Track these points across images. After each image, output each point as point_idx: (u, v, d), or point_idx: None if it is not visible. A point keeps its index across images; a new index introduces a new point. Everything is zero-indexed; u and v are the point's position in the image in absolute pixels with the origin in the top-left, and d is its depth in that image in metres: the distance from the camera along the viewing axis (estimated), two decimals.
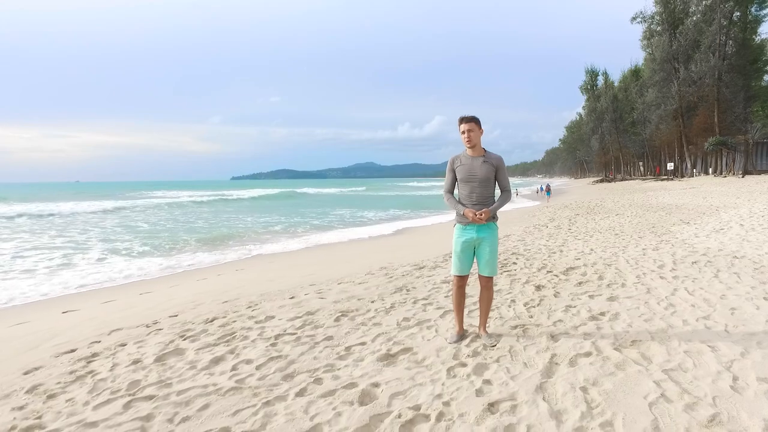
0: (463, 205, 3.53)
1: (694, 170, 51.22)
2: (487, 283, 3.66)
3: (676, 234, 9.46)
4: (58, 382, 3.26)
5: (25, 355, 4.03)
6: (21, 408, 2.88)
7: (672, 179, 47.01)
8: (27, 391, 3.13)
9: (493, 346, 3.50)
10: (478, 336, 3.73)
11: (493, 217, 3.56)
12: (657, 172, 60.37)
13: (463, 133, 3.45)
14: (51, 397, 3.03)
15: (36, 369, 3.59)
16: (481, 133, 3.50)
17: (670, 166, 52.30)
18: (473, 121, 3.43)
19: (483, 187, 3.49)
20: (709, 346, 3.30)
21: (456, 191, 3.66)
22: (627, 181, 57.22)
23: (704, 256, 6.80)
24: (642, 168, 71.60)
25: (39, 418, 2.73)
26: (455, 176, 3.58)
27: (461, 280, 3.66)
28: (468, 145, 3.47)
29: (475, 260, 3.67)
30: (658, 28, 49.35)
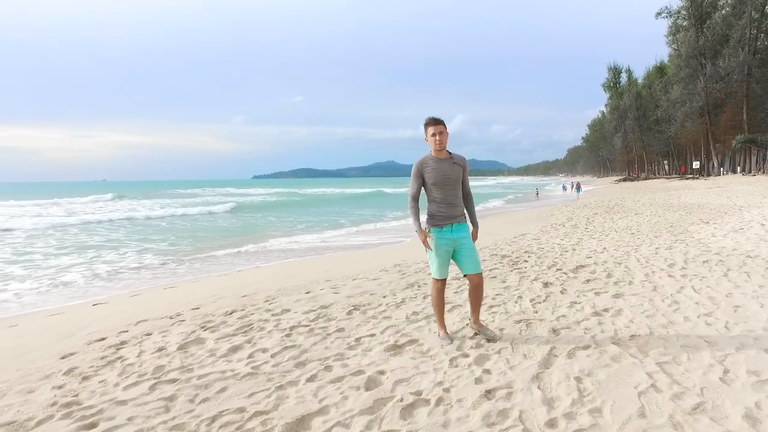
0: (441, 213, 3.51)
1: (722, 169, 49.85)
2: (477, 281, 3.59)
3: (693, 233, 9.39)
4: (92, 366, 3.55)
5: (61, 342, 4.36)
6: (60, 387, 3.17)
7: (698, 178, 45.85)
8: (64, 373, 3.43)
9: (493, 338, 3.59)
10: (479, 332, 3.88)
11: (466, 217, 3.65)
12: (682, 170, 58.91)
13: (434, 135, 3.41)
14: (86, 378, 3.32)
15: (71, 354, 3.90)
16: (447, 134, 3.49)
17: (696, 164, 50.99)
18: (442, 123, 3.44)
19: (455, 189, 3.52)
20: (706, 341, 3.39)
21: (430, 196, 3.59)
22: (651, 180, 56.04)
23: (717, 255, 6.78)
24: (667, 167, 69.97)
25: (76, 396, 3.02)
26: (423, 182, 3.53)
27: (443, 284, 3.67)
28: (438, 148, 3.45)
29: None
30: (684, 23, 48.13)
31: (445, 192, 3.48)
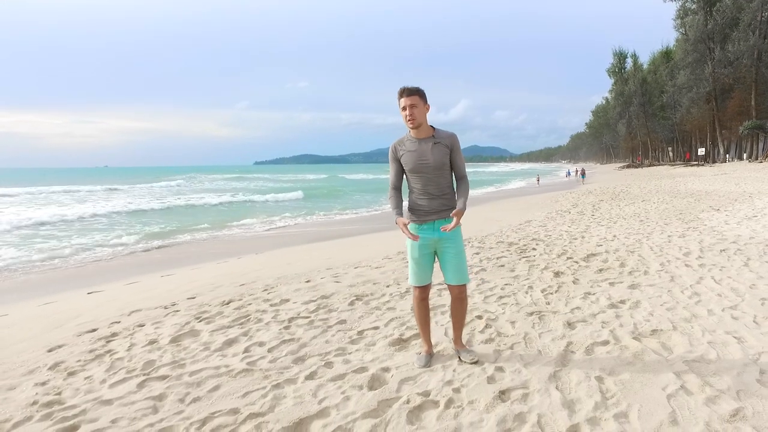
0: (420, 206, 2.89)
1: (727, 156, 49.25)
2: (459, 294, 2.98)
3: (705, 221, 9.12)
4: (79, 360, 3.34)
5: (51, 334, 4.16)
6: (43, 384, 2.97)
7: (703, 165, 45.31)
8: (50, 368, 3.22)
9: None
10: (489, 324, 3.66)
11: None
12: (687, 157, 58.27)
13: (404, 109, 2.75)
14: (71, 374, 3.11)
15: (59, 347, 3.69)
16: (427, 109, 2.82)
17: (701, 151, 50.36)
18: (416, 94, 2.74)
19: (439, 176, 2.84)
20: (734, 337, 3.16)
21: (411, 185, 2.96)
22: (655, 167, 55.44)
23: (734, 243, 6.53)
24: (671, 153, 69.27)
25: (59, 394, 2.81)
26: (401, 167, 2.91)
27: (423, 292, 3.02)
28: (411, 125, 2.79)
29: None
30: (693, 6, 47.07)
31: (425, 180, 2.84)
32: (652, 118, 64.98)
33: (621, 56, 71.58)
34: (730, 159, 48.59)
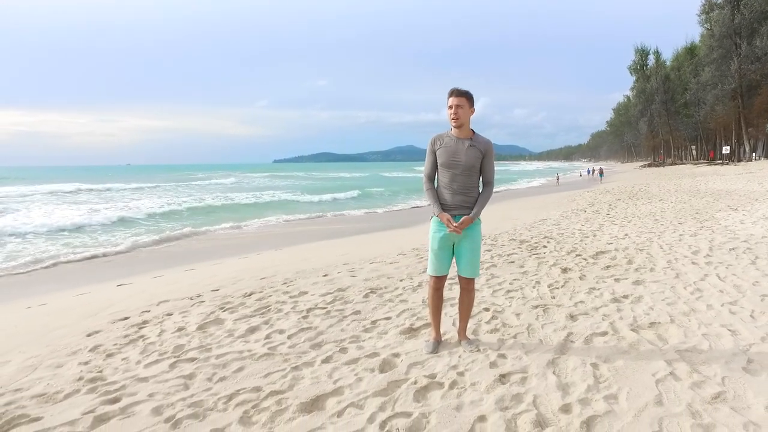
0: (442, 199, 3.12)
1: (754, 154, 47.97)
2: (467, 285, 3.23)
3: (720, 220, 9.11)
4: (115, 344, 3.67)
5: (87, 321, 4.51)
6: (86, 363, 3.29)
7: (727, 164, 44.24)
8: (90, 350, 3.55)
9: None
10: (496, 316, 3.86)
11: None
12: (711, 156, 56.94)
13: (451, 107, 3.01)
14: (110, 355, 3.43)
15: (96, 332, 4.03)
16: (472, 112, 3.07)
17: (726, 149, 49.16)
18: (464, 96, 3.00)
19: (466, 176, 3.06)
20: (729, 330, 3.30)
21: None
22: (677, 166, 54.35)
23: (745, 242, 6.57)
24: (695, 152, 67.75)
25: (100, 372, 3.12)
26: (436, 160, 3.13)
27: (439, 282, 3.25)
28: (454, 124, 3.04)
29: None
30: (719, 1, 45.97)
31: (452, 176, 3.06)
32: (675, 116, 63.63)
33: (643, 53, 70.20)
34: (757, 158, 47.32)
